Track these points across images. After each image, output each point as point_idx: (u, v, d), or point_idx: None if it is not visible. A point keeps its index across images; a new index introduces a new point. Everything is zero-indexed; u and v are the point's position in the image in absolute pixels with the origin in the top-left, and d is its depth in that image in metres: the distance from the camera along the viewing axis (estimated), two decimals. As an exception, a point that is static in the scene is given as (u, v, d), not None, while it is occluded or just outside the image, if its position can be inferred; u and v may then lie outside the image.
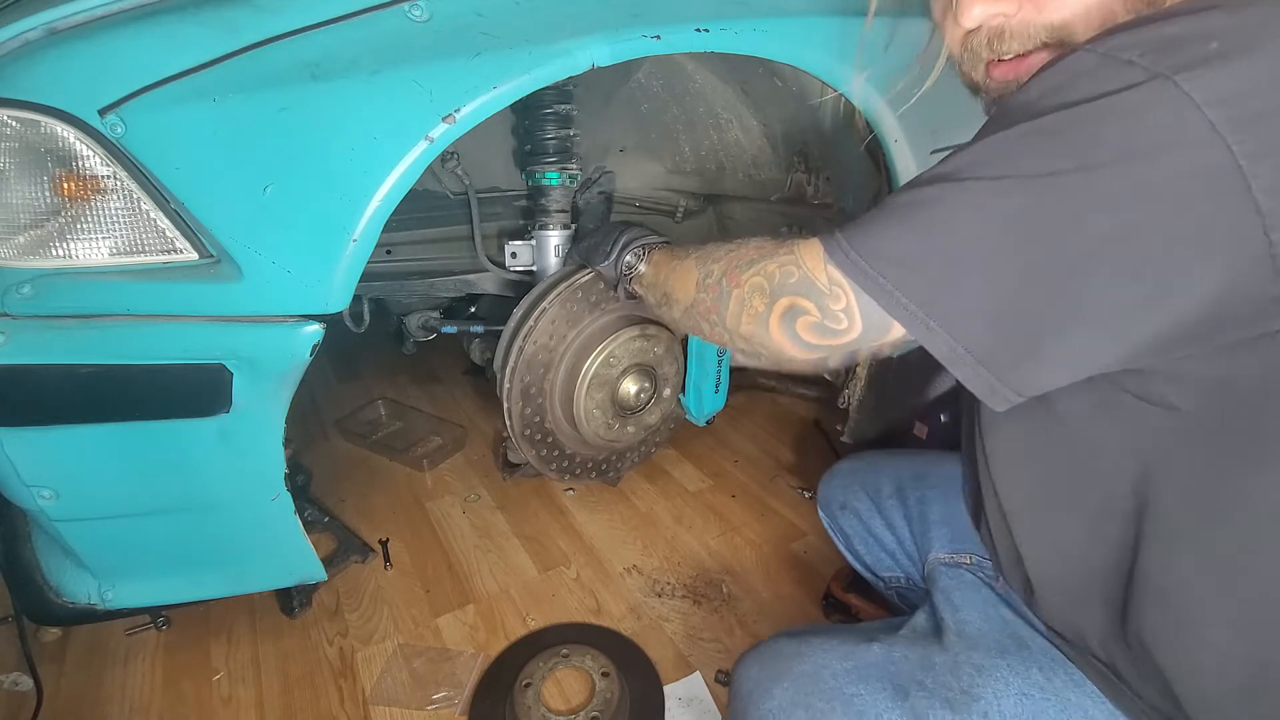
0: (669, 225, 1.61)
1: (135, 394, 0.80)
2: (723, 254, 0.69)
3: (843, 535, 1.00)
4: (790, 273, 0.59)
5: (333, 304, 0.77)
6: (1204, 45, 0.40)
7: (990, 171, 0.46)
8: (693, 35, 0.82)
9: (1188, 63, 0.40)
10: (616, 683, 0.99)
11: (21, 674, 1.02)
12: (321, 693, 1.03)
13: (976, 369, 0.49)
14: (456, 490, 1.48)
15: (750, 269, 0.63)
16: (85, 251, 0.74)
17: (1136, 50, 0.42)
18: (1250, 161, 0.39)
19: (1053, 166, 0.44)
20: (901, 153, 0.98)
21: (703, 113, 1.31)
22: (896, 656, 0.66)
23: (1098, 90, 0.42)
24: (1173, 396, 0.49)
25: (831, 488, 1.02)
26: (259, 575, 1.03)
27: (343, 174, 0.73)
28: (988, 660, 0.64)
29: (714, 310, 0.68)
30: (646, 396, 1.27)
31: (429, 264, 1.38)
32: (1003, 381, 0.49)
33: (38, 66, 0.68)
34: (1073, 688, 0.62)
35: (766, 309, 0.61)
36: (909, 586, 0.94)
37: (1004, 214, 0.46)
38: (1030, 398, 0.50)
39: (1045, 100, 0.45)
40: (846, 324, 0.55)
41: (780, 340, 0.61)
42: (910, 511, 0.91)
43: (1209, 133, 0.39)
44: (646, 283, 0.92)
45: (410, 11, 0.75)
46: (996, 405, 0.50)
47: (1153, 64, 0.41)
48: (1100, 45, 0.44)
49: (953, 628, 0.69)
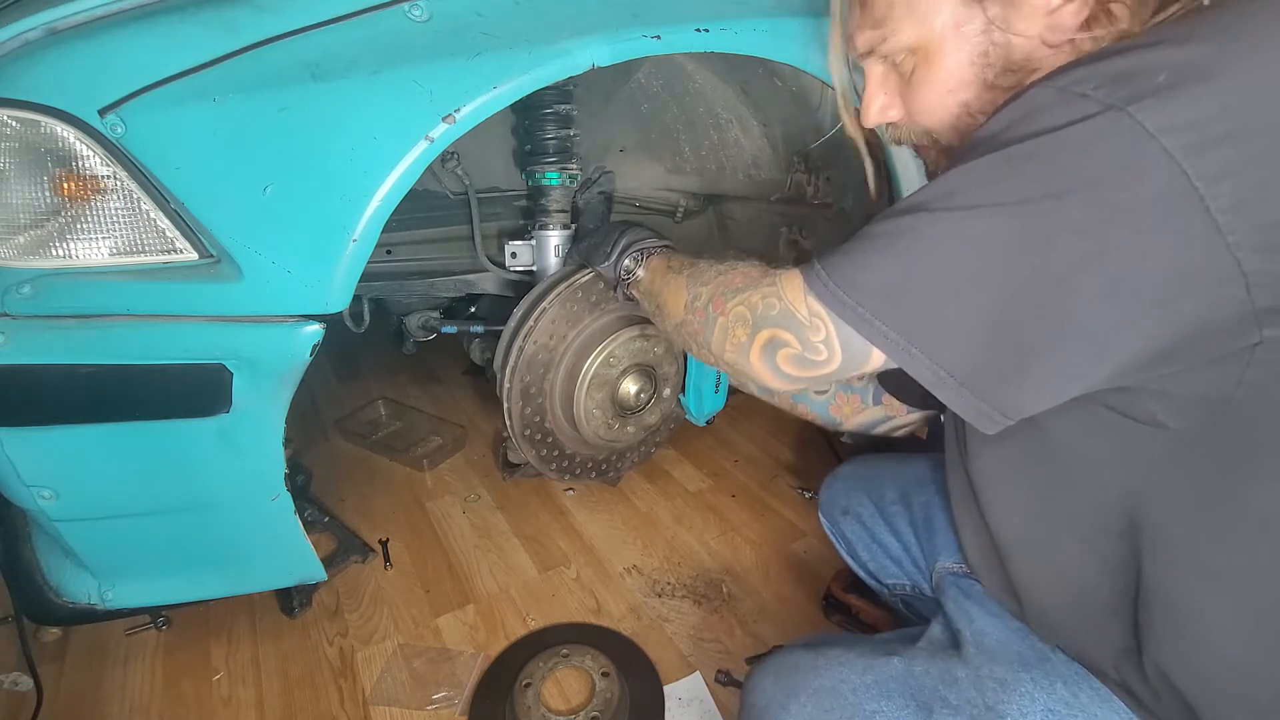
0: (669, 225, 1.60)
1: (135, 394, 0.80)
2: (711, 277, 0.71)
3: (845, 541, 0.99)
4: (772, 305, 0.60)
5: (333, 304, 0.77)
6: (1154, 77, 0.43)
7: (962, 200, 0.48)
8: (693, 35, 0.82)
9: (1140, 94, 0.42)
10: (616, 683, 0.99)
11: (21, 674, 1.02)
12: (321, 693, 1.03)
13: (960, 391, 0.50)
14: (456, 490, 1.48)
15: (735, 297, 0.64)
16: (85, 251, 0.74)
17: (1091, 84, 0.44)
18: (1206, 184, 0.41)
19: (1023, 194, 0.45)
20: (901, 153, 0.98)
21: (703, 113, 1.30)
22: (917, 670, 0.64)
23: (1057, 122, 0.45)
24: (1160, 414, 0.49)
25: (833, 492, 1.01)
26: (259, 575, 1.03)
27: (343, 174, 0.73)
28: (1010, 674, 0.62)
29: (700, 333, 0.70)
30: (646, 396, 1.27)
31: (429, 264, 1.38)
32: (988, 403, 0.50)
33: (38, 66, 0.68)
34: (1099, 703, 0.60)
35: (748, 340, 0.62)
36: (915, 594, 0.93)
37: (978, 240, 0.47)
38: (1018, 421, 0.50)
39: (1008, 132, 0.47)
40: (826, 355, 0.56)
41: (761, 371, 0.62)
42: (915, 518, 0.90)
43: (1164, 158, 0.41)
44: (643, 289, 0.92)
45: (410, 11, 0.75)
46: (985, 427, 0.51)
47: (1106, 96, 0.43)
48: (1058, 80, 0.47)
49: (971, 640, 0.67)
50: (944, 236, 0.49)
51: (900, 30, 0.60)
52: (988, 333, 0.48)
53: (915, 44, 0.60)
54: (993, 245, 0.47)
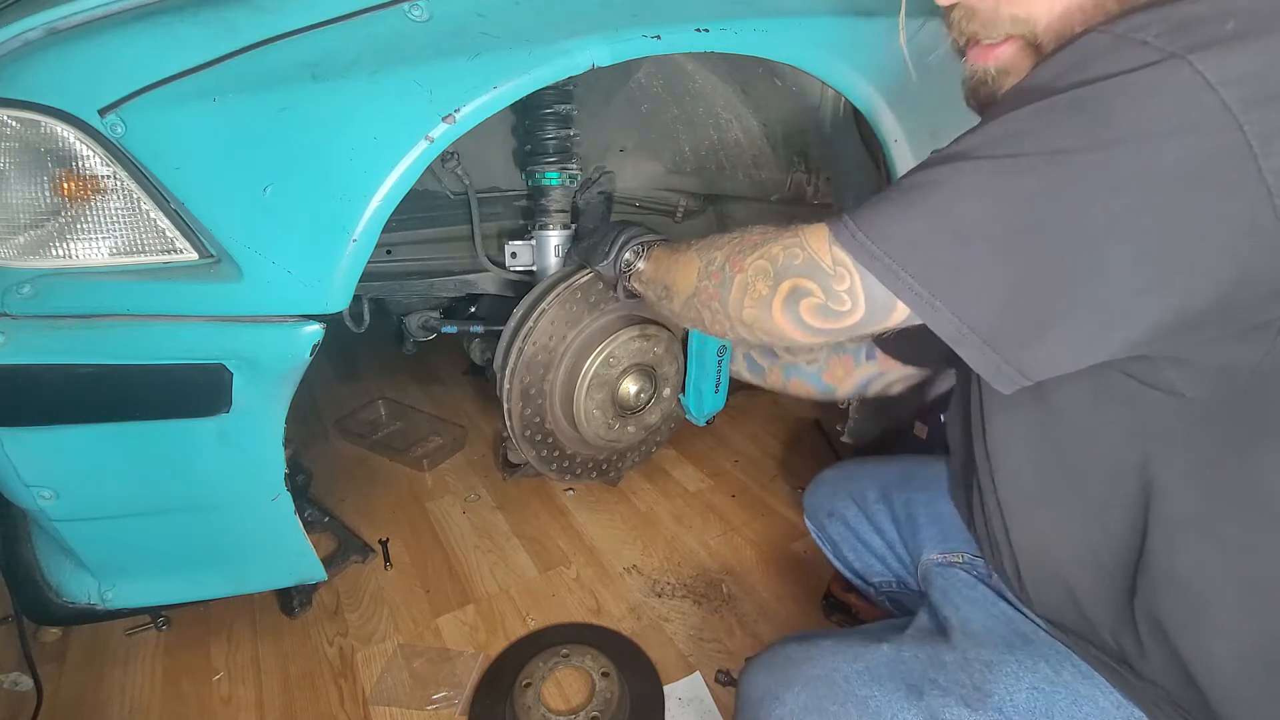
0: (669, 225, 1.60)
1: (135, 394, 0.80)
2: (725, 241, 0.69)
3: (831, 543, 1.00)
4: (795, 255, 0.58)
5: (333, 304, 0.77)
6: (1220, 25, 0.40)
7: (1000, 150, 0.46)
8: (693, 35, 0.82)
9: (1203, 42, 0.40)
10: (616, 683, 0.99)
11: (21, 674, 1.02)
12: (321, 693, 1.03)
13: (982, 349, 0.49)
14: (456, 490, 1.48)
15: (754, 253, 0.63)
16: (85, 251, 0.74)
17: (1152, 31, 0.42)
18: (1262, 141, 0.39)
19: (1063, 144, 0.43)
20: (901, 153, 0.99)
21: (703, 113, 1.30)
22: (906, 656, 0.66)
23: (1111, 70, 0.42)
24: (1180, 383, 0.49)
25: (817, 497, 1.02)
26: (259, 575, 1.03)
27: (343, 174, 0.73)
28: (996, 656, 0.64)
29: (715, 297, 0.68)
30: (646, 396, 1.27)
31: (429, 264, 1.37)
32: (1009, 362, 0.49)
33: (38, 66, 0.68)
34: (1081, 679, 0.62)
35: (770, 291, 0.61)
36: (901, 590, 0.94)
37: (1011, 193, 0.45)
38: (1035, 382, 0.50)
39: (1058, 80, 0.45)
40: (850, 305, 0.55)
41: (783, 323, 0.61)
42: (898, 515, 0.91)
43: (1221, 112, 0.39)
44: (646, 279, 0.92)
45: (410, 11, 0.75)
46: (1002, 387, 0.50)
47: (1167, 44, 0.41)
48: (1116, 26, 0.44)
49: (957, 626, 0.69)
50: (979, 187, 0.47)
51: None
52: (1014, 290, 0.47)
53: None
54: (1024, 200, 0.45)
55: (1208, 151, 0.40)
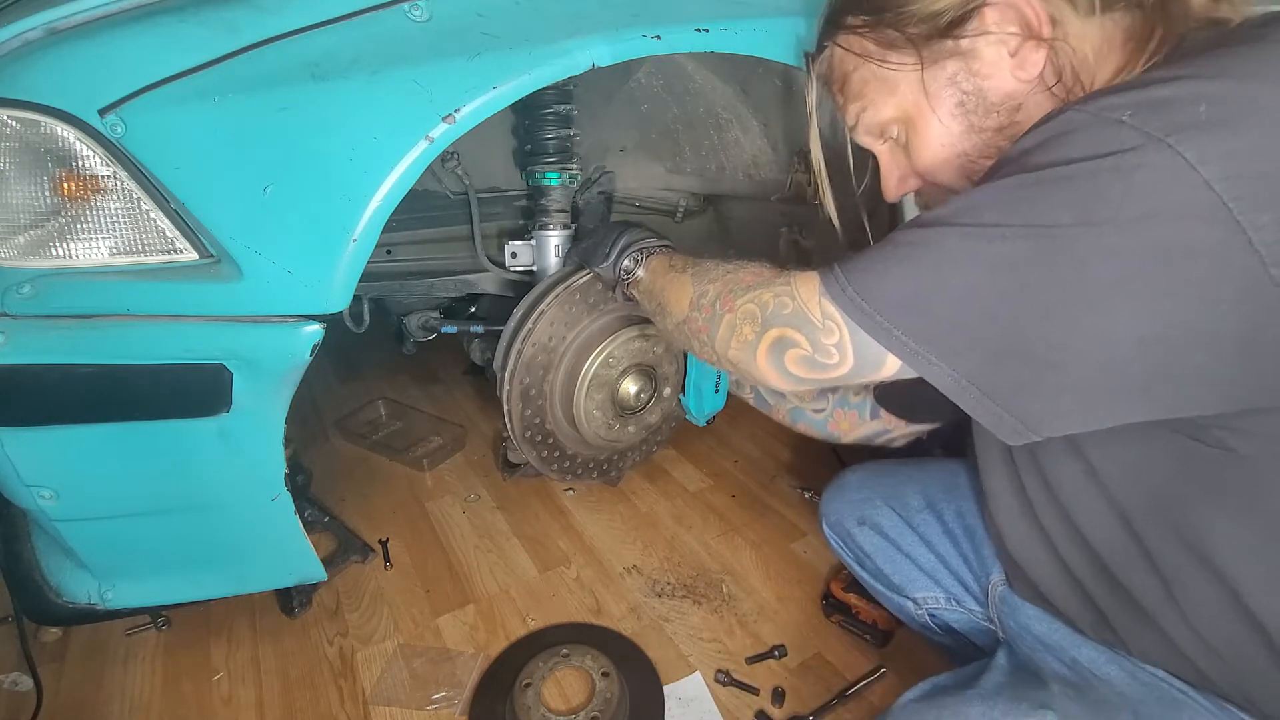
0: (669, 225, 1.60)
1: (135, 394, 0.80)
2: (719, 275, 0.70)
3: (858, 552, 0.94)
4: (784, 304, 0.59)
5: (333, 304, 0.77)
6: (1192, 109, 0.42)
7: (988, 219, 0.48)
8: (693, 35, 0.82)
9: (1178, 124, 0.42)
10: (616, 683, 0.99)
11: (21, 674, 1.02)
12: (321, 693, 1.03)
13: (981, 400, 0.50)
14: (456, 490, 1.48)
15: (745, 295, 0.64)
16: (85, 251, 0.74)
17: (1126, 110, 0.44)
18: (1248, 217, 0.40)
19: (1054, 219, 0.45)
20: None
21: (703, 113, 1.30)
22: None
23: (1094, 150, 0.44)
24: (1230, 440, 0.49)
25: (843, 503, 0.96)
26: (259, 575, 1.03)
27: (343, 174, 0.73)
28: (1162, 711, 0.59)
29: (704, 330, 0.69)
30: (646, 396, 1.27)
31: (429, 264, 1.37)
32: (1010, 413, 0.50)
33: (38, 66, 0.68)
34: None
35: (756, 338, 0.61)
36: (948, 607, 0.88)
37: (1002, 260, 0.47)
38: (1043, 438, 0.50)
39: (1039, 155, 0.47)
40: (837, 359, 0.56)
41: (766, 370, 0.62)
42: (950, 527, 0.87)
43: (1205, 191, 0.41)
44: (643, 289, 0.92)
45: (410, 11, 0.75)
46: (1008, 438, 0.51)
47: (1143, 124, 0.43)
48: (1089, 105, 0.46)
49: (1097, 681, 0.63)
50: (969, 254, 0.48)
51: (878, 103, 0.64)
52: (1009, 342, 0.48)
53: (896, 114, 0.63)
54: (1014, 267, 0.47)
55: (1197, 228, 0.42)
